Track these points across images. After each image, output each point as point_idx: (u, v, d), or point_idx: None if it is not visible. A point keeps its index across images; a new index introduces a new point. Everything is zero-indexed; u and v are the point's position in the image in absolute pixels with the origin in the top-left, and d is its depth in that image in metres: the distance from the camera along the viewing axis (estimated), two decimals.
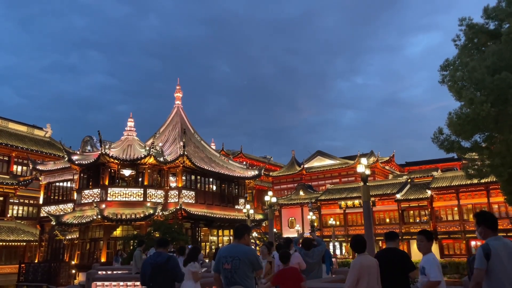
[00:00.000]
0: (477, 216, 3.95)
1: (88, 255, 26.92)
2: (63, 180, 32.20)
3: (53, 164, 32.96)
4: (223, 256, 4.82)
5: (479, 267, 3.70)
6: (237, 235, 4.96)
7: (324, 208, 43.99)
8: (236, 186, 35.36)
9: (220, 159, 36.24)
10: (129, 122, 30.78)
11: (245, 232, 4.98)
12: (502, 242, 3.74)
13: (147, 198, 27.28)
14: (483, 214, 3.97)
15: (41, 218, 32.35)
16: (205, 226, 31.00)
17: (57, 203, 31.74)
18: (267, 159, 65.97)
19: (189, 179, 30.51)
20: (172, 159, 28.86)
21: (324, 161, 58.27)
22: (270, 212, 23.67)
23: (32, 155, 37.79)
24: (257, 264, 4.81)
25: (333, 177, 55.36)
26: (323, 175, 56.56)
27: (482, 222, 3.88)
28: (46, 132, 45.79)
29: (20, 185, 37.75)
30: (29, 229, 37.45)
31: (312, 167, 57.81)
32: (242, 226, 5.08)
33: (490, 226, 3.84)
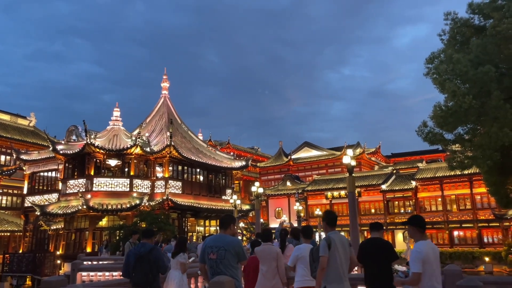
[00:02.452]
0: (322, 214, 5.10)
1: (73, 245, 26.76)
2: (47, 170, 31.82)
3: (37, 153, 32.50)
4: (208, 246, 4.86)
5: (324, 255, 4.74)
6: (223, 225, 4.99)
7: (311, 198, 44.32)
8: (223, 177, 35.39)
9: (208, 149, 36.18)
10: (115, 112, 30.49)
11: (230, 222, 5.01)
12: (338, 235, 4.89)
13: (133, 189, 27.18)
14: (326, 213, 5.12)
15: (25, 208, 31.97)
16: (192, 217, 31.04)
17: (42, 193, 31.38)
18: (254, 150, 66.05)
19: (176, 169, 30.42)
20: (158, 149, 28.74)
21: (311, 152, 58.59)
22: (257, 203, 23.79)
23: (15, 144, 37.18)
24: (242, 254, 4.86)
25: (320, 168, 55.75)
26: (310, 166, 56.90)
27: (324, 219, 5.00)
28: (30, 121, 45.02)
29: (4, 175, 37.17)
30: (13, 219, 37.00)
31: (299, 158, 58.10)
32: (227, 217, 5.11)
33: (329, 223, 4.98)
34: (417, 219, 4.59)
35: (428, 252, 4.38)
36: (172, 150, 28.48)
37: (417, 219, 4.59)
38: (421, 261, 4.31)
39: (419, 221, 4.56)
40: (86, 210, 25.05)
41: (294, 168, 57.48)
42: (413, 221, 4.56)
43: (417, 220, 4.57)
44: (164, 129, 32.38)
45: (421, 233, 4.50)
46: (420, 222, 4.56)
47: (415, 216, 4.65)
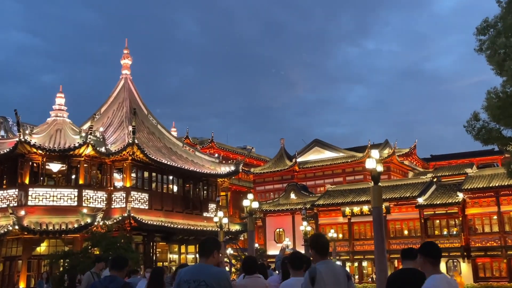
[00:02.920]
0: (309, 240, 5.23)
1: (1, 280, 26.64)
2: None
3: None
4: (184, 280, 4.84)
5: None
6: (204, 252, 4.98)
7: (323, 216, 44.41)
8: (205, 187, 35.39)
9: (184, 150, 36.19)
10: (58, 99, 30.44)
11: (214, 248, 5.00)
12: (329, 266, 4.93)
13: (83, 203, 27.19)
14: (313, 237, 5.30)
15: None
16: (162, 240, 31.01)
17: None
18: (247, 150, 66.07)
19: (141, 176, 30.38)
20: (117, 149, 28.73)
21: (323, 153, 58.72)
22: (250, 222, 23.80)
23: None
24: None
25: (334, 175, 55.85)
26: (321, 172, 57.00)
27: (311, 246, 5.13)
28: None
29: None
30: None
31: (307, 162, 58.20)
32: (209, 241, 5.09)
33: (319, 251, 5.06)
34: (427, 246, 4.75)
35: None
36: (136, 150, 28.48)
37: (427, 246, 4.75)
38: None
39: (430, 249, 4.69)
40: (19, 231, 25.00)
41: (301, 175, 57.57)
42: (423, 249, 4.72)
43: (428, 248, 4.70)
44: (125, 122, 32.38)
45: (432, 264, 4.64)
46: (431, 250, 4.68)
47: (427, 243, 4.82)
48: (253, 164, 63.08)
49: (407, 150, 61.12)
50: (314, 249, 5.19)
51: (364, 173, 50.80)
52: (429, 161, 68.69)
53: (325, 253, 5.15)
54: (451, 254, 36.61)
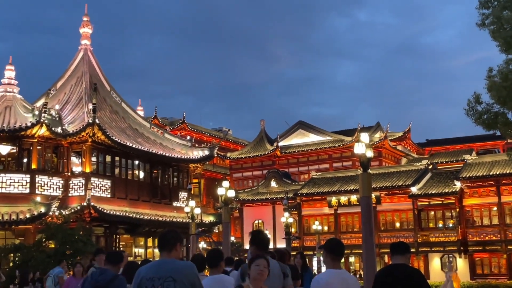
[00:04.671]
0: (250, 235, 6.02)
1: None
2: None
3: None
4: (147, 278, 4.80)
5: None
6: (165, 245, 4.97)
7: (307, 206, 44.65)
8: (176, 173, 35.31)
9: (152, 131, 36.00)
10: (8, 71, 30.10)
11: (176, 240, 5.00)
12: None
13: (36, 190, 27.03)
14: (254, 233, 5.96)
15: None
16: (126, 233, 30.98)
17: None
18: (223, 132, 66.01)
19: (103, 161, 30.20)
20: (75, 130, 28.49)
21: (308, 137, 58.89)
22: (225, 212, 23.85)
23: None
24: (198, 286, 4.85)
25: (320, 161, 56.14)
26: (306, 158, 57.22)
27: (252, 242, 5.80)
28: None
29: None
30: None
31: (290, 146, 58.33)
32: (170, 232, 5.09)
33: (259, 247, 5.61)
34: (331, 243, 5.38)
35: (333, 283, 4.87)
36: (97, 131, 28.28)
37: (331, 243, 5.38)
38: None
39: (333, 246, 5.30)
40: None
41: (283, 161, 57.75)
42: (327, 245, 5.33)
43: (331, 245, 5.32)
44: (85, 99, 32.08)
45: (333, 261, 5.18)
46: (334, 248, 5.28)
47: (331, 240, 5.46)
48: (229, 148, 63.05)
49: (400, 134, 61.58)
50: (254, 245, 5.71)
51: (353, 159, 51.10)
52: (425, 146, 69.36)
53: (264, 249, 5.66)
54: (447, 249, 37.26)
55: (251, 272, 4.85)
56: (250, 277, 4.86)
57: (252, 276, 4.80)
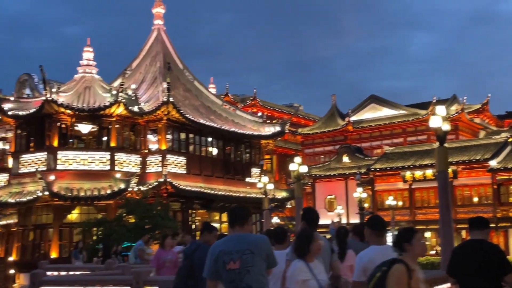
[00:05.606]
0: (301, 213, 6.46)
1: (32, 248, 27.89)
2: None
3: None
4: (225, 251, 4.94)
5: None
6: (238, 219, 5.09)
7: (380, 181, 44.23)
8: (248, 149, 35.62)
9: (224, 108, 36.36)
10: (86, 53, 30.83)
11: (247, 216, 5.14)
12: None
13: (115, 167, 27.84)
14: (305, 210, 6.32)
15: None
16: (202, 208, 31.67)
17: None
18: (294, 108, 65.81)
19: (177, 138, 30.83)
20: (151, 108, 29.13)
21: (381, 111, 58.01)
22: (298, 188, 23.94)
23: None
24: (273, 258, 4.99)
25: (393, 136, 55.23)
26: (378, 132, 56.46)
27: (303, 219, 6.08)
28: None
29: None
30: None
31: (362, 121, 57.68)
32: (241, 208, 5.23)
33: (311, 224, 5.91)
34: (373, 220, 5.81)
35: (375, 260, 5.01)
36: (171, 109, 28.80)
37: (373, 220, 5.81)
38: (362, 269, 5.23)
39: (374, 223, 5.69)
40: (49, 197, 25.89)
41: (355, 136, 57.20)
42: (368, 222, 5.74)
43: (373, 222, 5.73)
44: (159, 78, 32.67)
45: (376, 236, 5.49)
46: (376, 224, 5.66)
47: (372, 217, 5.94)
48: (300, 124, 62.90)
49: (478, 106, 59.60)
50: (305, 221, 5.99)
51: (428, 133, 49.94)
52: (504, 119, 66.85)
53: (314, 226, 5.96)
54: None
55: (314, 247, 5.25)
56: (312, 251, 5.22)
57: (313, 251, 5.22)
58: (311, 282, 4.90)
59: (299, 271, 4.96)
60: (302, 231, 5.60)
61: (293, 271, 5.00)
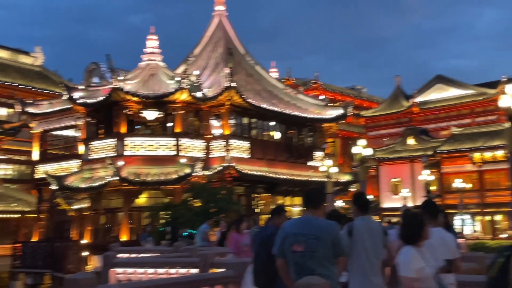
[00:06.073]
0: (352, 196, 6.50)
1: (103, 231, 29.04)
2: (63, 128, 34.20)
3: (48, 104, 34.89)
4: (291, 234, 4.99)
5: None
6: (311, 203, 5.11)
7: (447, 163, 43.32)
8: (310, 133, 35.53)
9: (286, 92, 36.33)
10: (150, 41, 31.42)
11: (321, 199, 5.12)
12: (366, 221, 5.90)
13: (180, 152, 28.40)
14: (356, 195, 6.40)
15: (37, 180, 34.92)
16: (265, 192, 31.91)
17: (58, 160, 34.00)
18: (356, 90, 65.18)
19: (240, 123, 31.11)
20: (213, 94, 29.48)
21: (447, 91, 56.47)
22: (362, 171, 23.77)
23: (19, 92, 40.20)
24: (340, 246, 4.96)
25: (461, 116, 53.71)
26: (445, 113, 55.03)
27: (354, 203, 6.19)
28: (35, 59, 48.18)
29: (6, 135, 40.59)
30: (22, 196, 40.69)
31: (427, 102, 56.37)
32: (316, 190, 5.22)
33: (361, 207, 6.05)
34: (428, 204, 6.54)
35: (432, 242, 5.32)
36: (234, 94, 29.04)
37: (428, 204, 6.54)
38: None
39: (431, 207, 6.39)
40: (118, 182, 26.73)
41: (420, 118, 56.00)
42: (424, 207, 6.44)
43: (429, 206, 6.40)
44: (221, 64, 32.94)
45: (430, 219, 5.85)
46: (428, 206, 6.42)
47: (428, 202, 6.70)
48: (363, 107, 62.14)
49: None
50: (356, 205, 6.08)
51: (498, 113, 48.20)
52: None
53: (365, 210, 6.06)
54: None
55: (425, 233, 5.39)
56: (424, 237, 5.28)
57: (424, 237, 5.25)
58: (426, 268, 4.79)
59: (414, 258, 4.81)
60: (413, 216, 5.36)
61: (408, 259, 4.80)
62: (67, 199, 31.35)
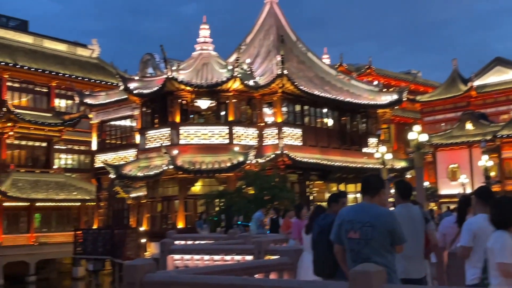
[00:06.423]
0: (394, 184, 6.53)
1: (160, 219, 29.67)
2: (120, 118, 35.16)
3: (105, 95, 35.89)
4: (347, 220, 4.99)
5: None
6: (368, 190, 5.08)
7: (508, 148, 42.40)
8: (364, 119, 35.17)
9: (338, 78, 36.02)
10: (203, 31, 31.67)
11: (380, 186, 5.07)
12: (407, 208, 5.93)
13: (233, 140, 28.64)
14: (397, 182, 6.42)
15: (95, 169, 36.06)
16: (319, 179, 31.81)
17: (115, 149, 35.00)
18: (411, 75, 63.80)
19: (293, 110, 31.08)
20: (266, 82, 29.51)
21: (507, 74, 54.67)
22: (417, 157, 23.36)
23: (77, 84, 41.40)
24: (397, 234, 4.89)
25: None
26: (505, 96, 53.37)
27: (396, 190, 6.23)
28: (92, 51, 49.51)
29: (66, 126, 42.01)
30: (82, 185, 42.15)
31: (486, 85, 54.75)
32: (374, 177, 5.18)
33: (401, 194, 6.11)
34: (482, 190, 6.36)
35: (485, 228, 5.17)
36: (286, 82, 28.98)
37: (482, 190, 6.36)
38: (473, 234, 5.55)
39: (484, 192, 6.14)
40: (174, 171, 27.23)
41: (478, 102, 54.50)
42: (477, 191, 6.27)
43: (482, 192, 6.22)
44: (273, 51, 32.88)
45: (483, 206, 5.73)
46: (483, 192, 6.15)
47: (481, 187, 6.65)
48: (419, 91, 60.88)
49: None
50: (397, 193, 6.14)
51: None
52: None
53: (406, 197, 6.10)
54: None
55: None
56: None
57: None
58: None
59: (509, 244, 4.65)
60: (505, 199, 5.00)
61: (505, 244, 4.62)
62: (125, 188, 32.26)
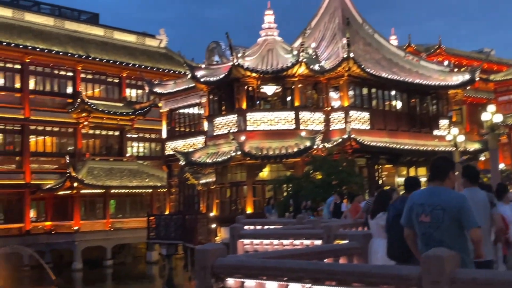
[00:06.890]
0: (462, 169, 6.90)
1: (229, 204, 30.17)
2: (188, 106, 35.88)
3: (173, 84, 36.71)
4: (418, 204, 4.94)
5: None
6: (437, 173, 5.00)
7: None
8: (434, 101, 34.31)
9: (406, 60, 35.25)
10: (267, 16, 31.64)
11: (449, 168, 4.98)
12: (472, 192, 6.07)
13: (300, 125, 28.65)
14: (465, 168, 6.75)
15: (166, 157, 37.04)
16: (388, 163, 31.39)
17: (184, 137, 35.78)
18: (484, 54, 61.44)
19: (359, 94, 30.67)
20: (331, 66, 29.22)
21: None
22: (492, 139, 22.57)
23: (146, 74, 42.54)
24: (467, 217, 4.76)
25: None
26: None
27: (463, 175, 6.52)
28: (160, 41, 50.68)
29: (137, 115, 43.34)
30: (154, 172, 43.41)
31: None
32: (443, 159, 5.09)
33: (469, 179, 6.41)
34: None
35: None
36: (352, 65, 28.63)
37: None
38: None
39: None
40: (241, 157, 27.54)
41: None
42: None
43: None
44: (338, 34, 32.51)
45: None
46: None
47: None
48: (493, 70, 58.63)
49: None
50: (466, 177, 6.40)
51: None
52: None
53: (474, 182, 6.38)
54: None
55: None
56: None
57: None
58: None
59: None
60: None
61: None
62: (194, 174, 32.99)
